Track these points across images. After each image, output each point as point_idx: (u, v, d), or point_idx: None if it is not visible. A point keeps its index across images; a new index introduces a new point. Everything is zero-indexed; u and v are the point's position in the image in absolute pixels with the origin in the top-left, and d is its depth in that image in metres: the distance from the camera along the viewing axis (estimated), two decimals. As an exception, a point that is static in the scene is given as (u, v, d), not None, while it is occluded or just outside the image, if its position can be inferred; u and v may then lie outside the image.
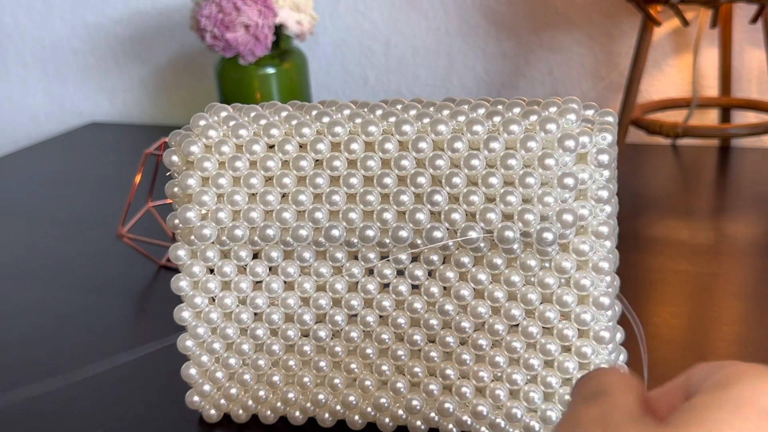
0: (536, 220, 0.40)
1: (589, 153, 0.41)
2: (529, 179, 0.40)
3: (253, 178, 0.44)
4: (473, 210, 0.41)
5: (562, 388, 0.43)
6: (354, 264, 0.45)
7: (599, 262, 0.42)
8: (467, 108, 0.42)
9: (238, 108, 0.46)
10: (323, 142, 0.43)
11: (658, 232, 0.78)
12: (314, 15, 1.07)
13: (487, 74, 1.16)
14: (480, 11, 1.14)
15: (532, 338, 0.43)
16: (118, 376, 0.56)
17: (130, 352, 0.46)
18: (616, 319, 0.44)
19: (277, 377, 0.48)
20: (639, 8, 0.94)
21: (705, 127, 0.96)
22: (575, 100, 0.42)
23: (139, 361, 0.58)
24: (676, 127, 0.93)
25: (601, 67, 1.11)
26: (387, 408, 0.46)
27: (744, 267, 0.70)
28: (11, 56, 1.38)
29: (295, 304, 0.46)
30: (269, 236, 0.44)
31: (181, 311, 0.47)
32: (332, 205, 0.43)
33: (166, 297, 0.68)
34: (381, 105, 0.44)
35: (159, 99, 1.34)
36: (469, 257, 0.43)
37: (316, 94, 1.23)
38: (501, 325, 0.43)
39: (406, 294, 0.45)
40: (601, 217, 0.42)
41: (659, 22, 0.95)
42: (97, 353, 0.60)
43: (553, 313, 0.42)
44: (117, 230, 0.74)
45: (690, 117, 1.00)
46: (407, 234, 0.42)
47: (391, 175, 0.42)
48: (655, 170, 0.99)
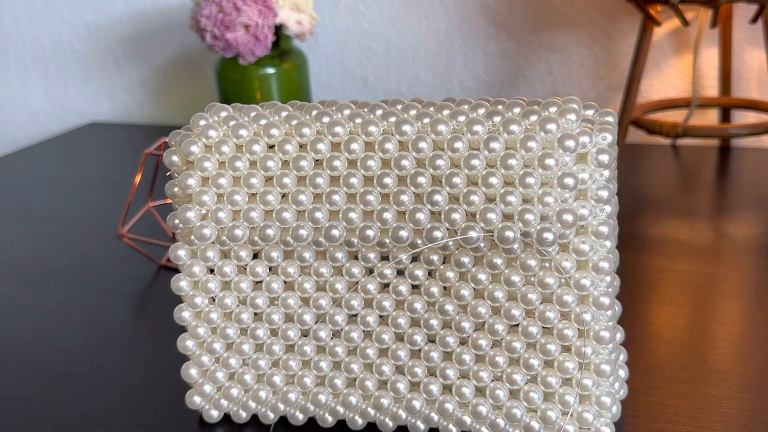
0: (536, 220, 0.40)
1: (589, 153, 0.41)
2: (530, 179, 0.40)
3: (253, 178, 0.44)
4: (473, 210, 0.41)
5: (562, 388, 0.43)
6: (354, 264, 0.45)
7: (599, 261, 0.42)
8: (467, 108, 0.42)
9: (238, 108, 0.45)
10: (323, 142, 0.43)
11: (658, 232, 0.78)
12: (314, 15, 1.07)
13: (487, 74, 1.16)
14: (480, 11, 1.14)
15: (532, 338, 0.43)
16: (118, 377, 0.56)
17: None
18: (616, 319, 0.44)
19: (277, 377, 0.48)
20: (639, 8, 0.94)
21: (705, 127, 0.96)
22: (575, 100, 0.42)
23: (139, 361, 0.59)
24: (676, 127, 0.93)
25: (601, 67, 1.11)
26: (387, 408, 0.46)
27: (744, 267, 0.70)
28: (11, 56, 1.38)
29: (296, 304, 0.46)
30: (269, 236, 0.44)
31: (181, 311, 0.47)
32: (332, 205, 0.43)
33: (166, 297, 0.69)
34: (381, 105, 0.44)
35: (159, 99, 1.34)
36: (469, 257, 0.43)
37: (316, 94, 1.23)
38: (501, 325, 0.43)
39: (406, 294, 0.45)
40: (601, 217, 0.42)
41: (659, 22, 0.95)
42: (97, 353, 0.60)
43: (553, 313, 0.42)
44: (117, 230, 0.74)
45: (690, 117, 1.00)
46: (407, 234, 0.42)
47: (391, 175, 0.42)
48: (655, 170, 0.99)
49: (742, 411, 0.49)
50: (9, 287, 0.73)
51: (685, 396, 0.51)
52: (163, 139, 0.75)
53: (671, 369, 0.54)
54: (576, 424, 0.44)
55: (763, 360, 0.54)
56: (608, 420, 0.44)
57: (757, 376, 0.52)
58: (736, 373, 0.53)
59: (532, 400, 0.44)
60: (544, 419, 0.44)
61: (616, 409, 0.44)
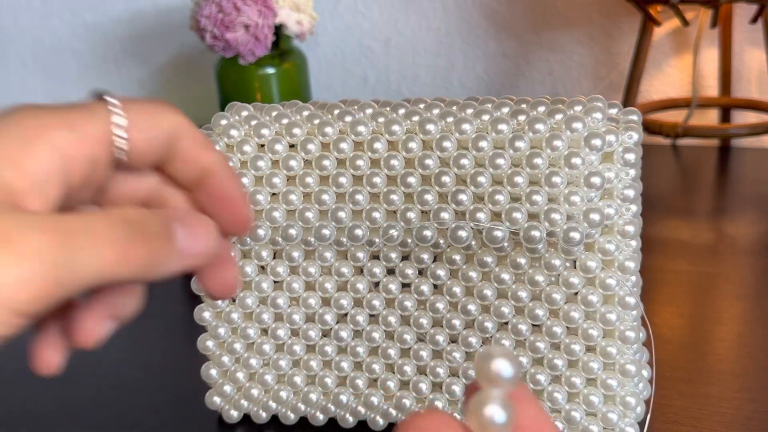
0: (563, 219, 0.40)
1: (616, 152, 0.40)
2: (556, 178, 0.40)
3: (275, 178, 0.43)
4: (498, 210, 0.41)
5: (587, 388, 0.43)
6: (375, 264, 0.45)
7: (625, 261, 0.41)
8: (491, 107, 0.42)
9: (259, 107, 0.45)
10: (346, 142, 0.43)
11: (658, 232, 0.78)
12: (314, 15, 1.07)
13: (487, 74, 1.16)
14: (480, 11, 1.14)
15: (556, 338, 0.43)
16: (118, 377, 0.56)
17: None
18: (639, 319, 0.44)
19: (298, 378, 0.47)
20: (639, 8, 0.94)
21: (705, 127, 0.96)
22: (600, 99, 0.41)
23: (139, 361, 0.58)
24: (676, 127, 0.93)
25: (601, 67, 1.11)
26: (408, 408, 0.46)
27: (744, 267, 0.70)
28: (11, 56, 1.37)
29: (316, 304, 0.46)
30: (292, 236, 0.44)
31: (202, 312, 0.47)
32: (355, 205, 0.43)
33: (166, 297, 0.68)
34: (404, 104, 0.44)
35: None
36: (492, 257, 0.43)
37: (316, 94, 1.23)
38: (524, 325, 0.43)
39: (428, 294, 0.45)
40: (627, 216, 0.41)
41: (659, 22, 0.95)
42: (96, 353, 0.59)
43: (577, 313, 0.42)
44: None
45: (690, 117, 1.00)
46: (431, 234, 0.42)
47: (414, 175, 0.42)
48: (655, 170, 0.99)
49: (742, 411, 0.49)
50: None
51: (685, 396, 0.50)
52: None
53: (671, 369, 0.54)
54: (600, 425, 0.43)
55: (763, 360, 0.54)
56: (632, 420, 0.44)
57: (757, 376, 0.52)
58: (736, 373, 0.53)
59: (556, 400, 0.44)
60: (568, 420, 0.44)
61: (640, 409, 0.44)
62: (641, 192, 0.42)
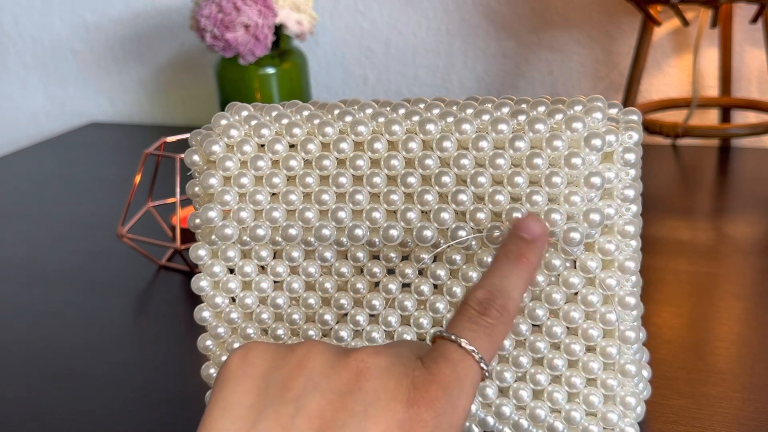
0: (563, 219, 0.40)
1: (616, 152, 0.40)
2: (556, 178, 0.40)
3: (275, 178, 0.43)
4: (498, 210, 0.41)
5: (587, 388, 0.43)
6: (375, 264, 0.45)
7: (625, 261, 0.41)
8: (491, 107, 0.42)
9: (259, 107, 0.45)
10: (346, 142, 0.43)
11: (658, 232, 0.78)
12: (314, 15, 1.07)
13: (487, 74, 1.16)
14: (480, 11, 1.14)
15: (556, 338, 0.43)
16: (118, 377, 0.56)
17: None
18: (639, 319, 0.44)
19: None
20: (639, 8, 0.94)
21: (705, 127, 0.96)
22: (600, 99, 0.41)
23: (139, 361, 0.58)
24: (676, 127, 0.93)
25: (601, 67, 1.11)
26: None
27: (744, 267, 0.70)
28: (11, 56, 1.37)
29: (316, 304, 0.46)
30: (292, 236, 0.44)
31: (202, 311, 0.47)
32: (355, 205, 0.43)
33: (166, 297, 0.68)
34: (404, 104, 0.44)
35: (159, 99, 1.34)
36: (492, 257, 0.43)
37: (316, 94, 1.23)
38: (524, 325, 0.43)
39: (428, 294, 0.45)
40: (627, 216, 0.41)
41: (659, 22, 0.95)
42: (96, 353, 0.60)
43: (577, 313, 0.42)
44: (117, 230, 0.73)
45: (690, 117, 1.00)
46: (431, 234, 0.42)
47: (414, 175, 0.42)
48: (655, 170, 0.99)
49: (742, 411, 0.49)
50: (9, 287, 0.73)
51: (685, 396, 0.51)
52: (163, 139, 0.75)
53: (671, 369, 0.54)
54: (600, 425, 0.43)
55: (763, 360, 0.54)
56: (633, 420, 0.44)
57: (757, 376, 0.52)
58: (736, 373, 0.53)
59: (556, 400, 0.44)
60: (568, 420, 0.43)
61: (640, 409, 0.44)
62: (641, 192, 0.42)
